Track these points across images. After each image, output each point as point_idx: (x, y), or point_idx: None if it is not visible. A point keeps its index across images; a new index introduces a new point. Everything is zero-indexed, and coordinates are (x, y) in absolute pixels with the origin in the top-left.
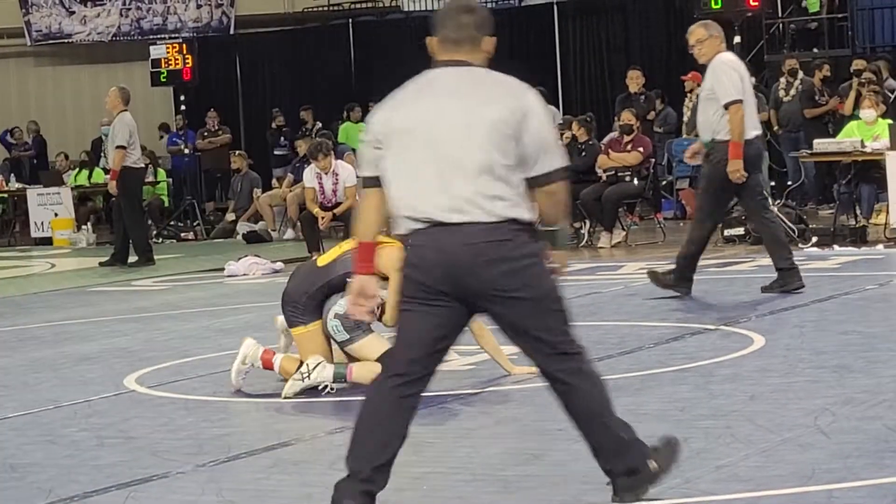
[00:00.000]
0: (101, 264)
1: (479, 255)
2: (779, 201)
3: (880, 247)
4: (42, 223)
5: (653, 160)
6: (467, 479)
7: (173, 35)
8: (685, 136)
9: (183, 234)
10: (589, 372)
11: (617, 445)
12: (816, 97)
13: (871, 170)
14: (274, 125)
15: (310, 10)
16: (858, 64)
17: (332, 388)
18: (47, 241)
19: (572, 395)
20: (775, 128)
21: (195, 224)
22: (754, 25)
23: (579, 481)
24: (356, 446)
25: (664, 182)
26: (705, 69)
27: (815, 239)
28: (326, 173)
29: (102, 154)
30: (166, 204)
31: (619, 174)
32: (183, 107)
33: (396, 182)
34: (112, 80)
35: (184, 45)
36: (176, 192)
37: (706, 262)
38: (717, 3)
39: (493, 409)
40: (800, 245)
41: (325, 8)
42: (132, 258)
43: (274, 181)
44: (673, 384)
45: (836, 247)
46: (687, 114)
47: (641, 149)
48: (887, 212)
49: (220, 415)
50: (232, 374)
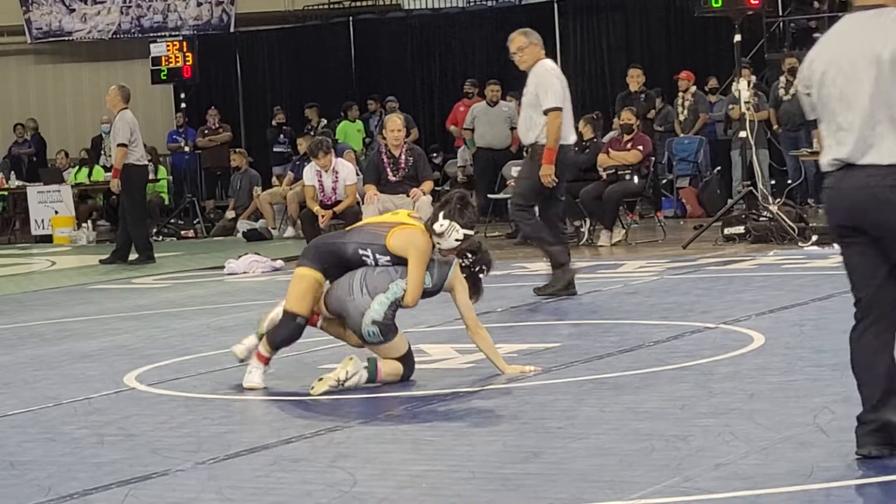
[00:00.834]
0: (101, 262)
1: (877, 197)
2: (779, 200)
3: None
4: (42, 221)
5: (653, 159)
6: (466, 477)
7: (174, 33)
8: (682, 134)
9: (183, 232)
10: None
11: None
12: None
13: None
14: (274, 122)
15: (310, 7)
16: None
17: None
18: (47, 239)
19: None
20: (775, 126)
21: (195, 222)
22: (755, 24)
23: (578, 479)
24: (861, 390)
25: (664, 181)
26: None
27: (814, 237)
28: (326, 171)
29: (103, 152)
30: (167, 202)
31: (620, 173)
32: (183, 104)
33: (820, 125)
34: (112, 78)
35: (184, 43)
36: (176, 190)
37: (706, 261)
38: (717, 1)
39: (492, 406)
40: (800, 244)
41: (326, 6)
42: (133, 256)
43: (274, 179)
44: (673, 382)
45: (836, 245)
46: (683, 112)
47: (641, 147)
48: None
49: (219, 412)
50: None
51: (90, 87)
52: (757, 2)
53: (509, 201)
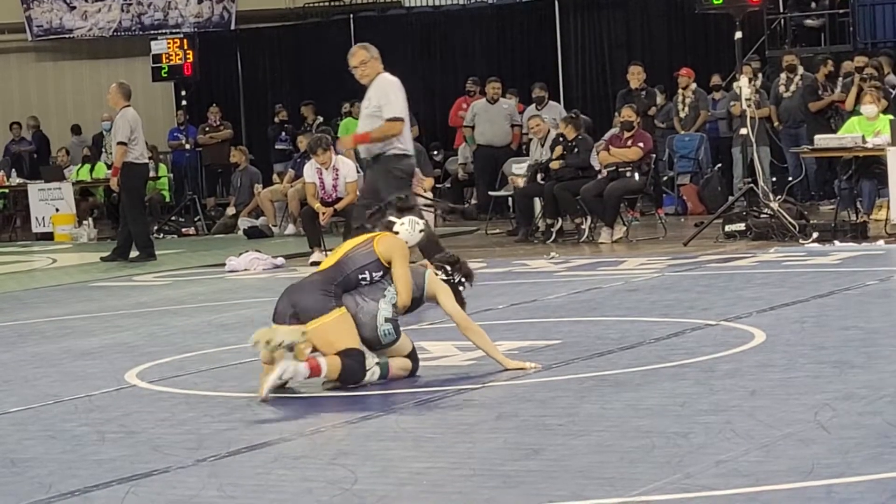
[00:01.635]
0: (102, 259)
1: None
2: (780, 197)
3: (881, 242)
4: (43, 218)
5: (653, 156)
6: (467, 475)
7: (174, 30)
8: (682, 131)
9: (184, 230)
10: None
11: None
12: (819, 92)
13: (871, 165)
14: (277, 120)
15: (311, 5)
16: (859, 60)
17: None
18: (48, 237)
19: None
20: (776, 123)
21: (196, 219)
22: (755, 21)
23: (579, 476)
24: None
25: (665, 178)
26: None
27: (815, 234)
28: (327, 168)
29: (104, 149)
30: (167, 199)
31: (620, 170)
32: (184, 102)
33: None
34: (113, 76)
35: (185, 41)
36: (177, 188)
37: (707, 258)
38: None
39: (493, 404)
40: (801, 241)
41: (326, 3)
42: (133, 253)
43: (275, 176)
44: (673, 379)
45: (837, 242)
46: (684, 110)
47: (642, 144)
48: (888, 207)
49: (220, 410)
50: (265, 387)
51: (91, 84)
52: None
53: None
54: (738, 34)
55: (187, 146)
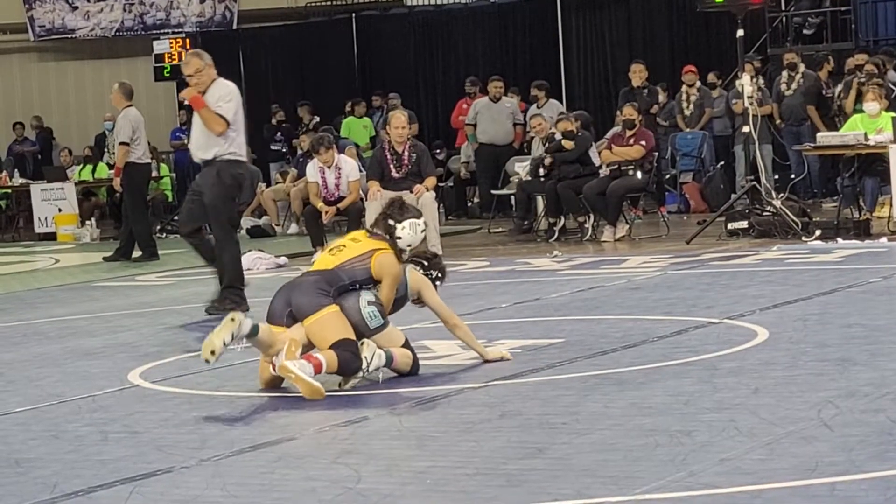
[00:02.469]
0: (105, 259)
1: None
2: (782, 195)
3: (884, 240)
4: (46, 218)
5: (656, 154)
6: (471, 473)
7: (176, 30)
8: (687, 129)
9: None
10: None
11: None
12: (823, 90)
13: (874, 163)
14: (274, 121)
15: (312, 4)
16: (859, 58)
17: (380, 378)
18: (51, 237)
19: None
20: (778, 121)
21: None
22: (757, 19)
23: (583, 474)
24: None
25: (668, 176)
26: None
27: (818, 232)
28: (329, 167)
29: (107, 150)
30: (170, 199)
31: (623, 168)
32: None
33: None
34: (115, 76)
35: (187, 40)
36: (180, 188)
37: (710, 256)
38: None
39: (496, 402)
40: (803, 238)
41: (328, 3)
42: (136, 253)
43: (277, 176)
44: (677, 377)
45: (840, 240)
46: (689, 108)
47: (644, 143)
48: (891, 205)
49: (224, 409)
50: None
51: (93, 84)
52: None
53: (179, 227)
54: (740, 32)
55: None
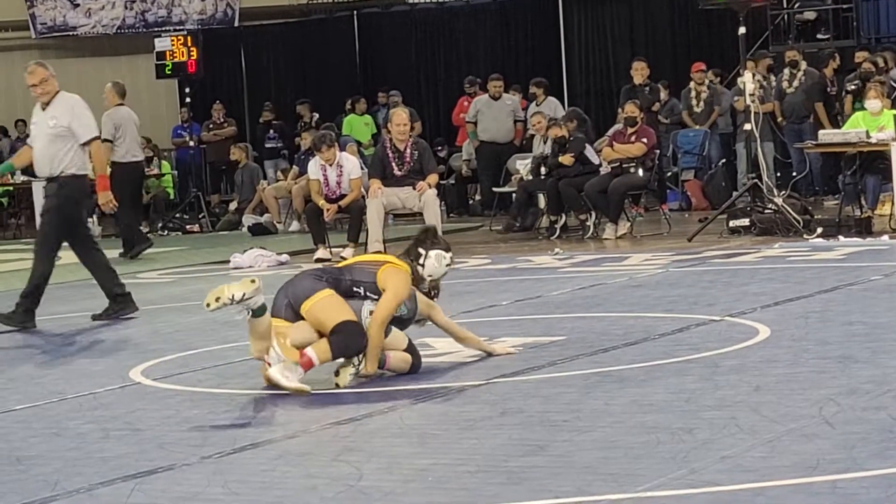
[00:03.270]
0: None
1: None
2: (784, 192)
3: (885, 237)
4: None
5: (657, 151)
6: (472, 471)
7: (178, 27)
8: (696, 126)
9: (188, 227)
10: None
11: None
12: (828, 88)
13: (876, 160)
14: (262, 120)
15: (314, 2)
16: (860, 56)
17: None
18: None
19: None
20: (779, 119)
21: (200, 216)
22: (759, 16)
23: (584, 472)
24: None
25: (669, 173)
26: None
27: (820, 230)
28: (331, 165)
29: None
30: (171, 196)
31: (624, 166)
32: (188, 99)
33: None
34: (116, 73)
35: (189, 38)
36: (181, 185)
37: (711, 253)
38: None
39: (497, 400)
40: (805, 236)
41: (330, 0)
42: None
43: (278, 173)
44: (678, 375)
45: (841, 237)
46: (699, 105)
47: (645, 140)
48: (892, 202)
49: (225, 407)
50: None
51: (94, 82)
52: None
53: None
54: (742, 29)
55: (191, 143)
